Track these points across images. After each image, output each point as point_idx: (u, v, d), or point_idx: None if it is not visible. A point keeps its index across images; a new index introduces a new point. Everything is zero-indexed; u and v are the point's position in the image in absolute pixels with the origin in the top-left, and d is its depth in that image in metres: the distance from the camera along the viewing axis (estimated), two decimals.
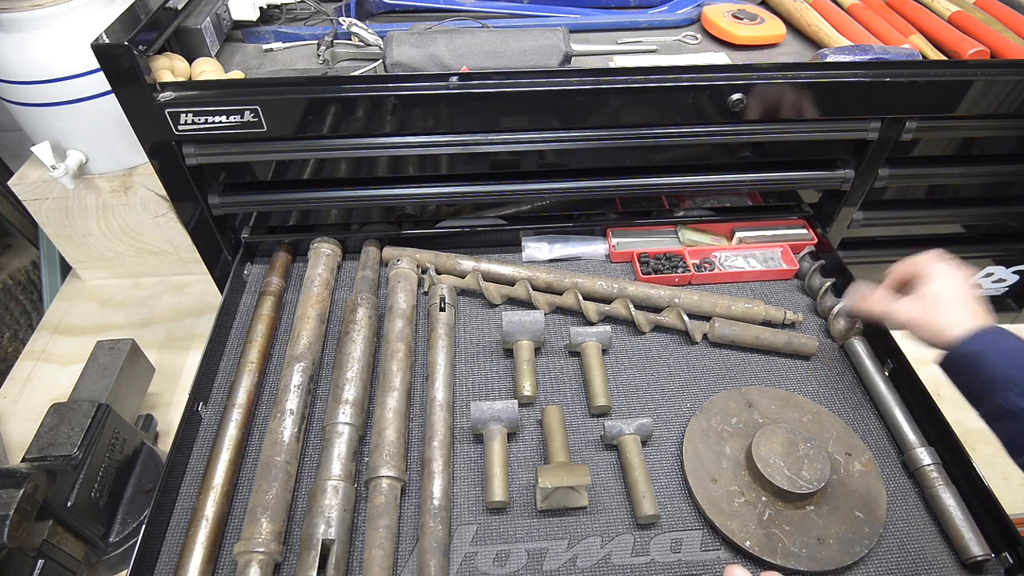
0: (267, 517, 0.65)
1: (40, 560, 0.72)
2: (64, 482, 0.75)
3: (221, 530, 0.68)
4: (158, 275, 1.27)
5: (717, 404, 0.77)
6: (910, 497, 0.71)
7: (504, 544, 0.67)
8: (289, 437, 0.72)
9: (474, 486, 0.72)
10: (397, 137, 0.79)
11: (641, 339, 0.87)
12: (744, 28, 0.93)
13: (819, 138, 0.84)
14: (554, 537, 0.67)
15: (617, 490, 0.71)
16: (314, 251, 0.93)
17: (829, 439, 0.74)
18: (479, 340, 0.87)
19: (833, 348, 0.86)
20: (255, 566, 0.62)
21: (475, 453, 0.75)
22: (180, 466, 0.74)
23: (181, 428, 0.74)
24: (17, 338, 1.41)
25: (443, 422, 0.74)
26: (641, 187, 0.89)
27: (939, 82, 0.79)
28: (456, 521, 0.69)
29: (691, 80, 0.77)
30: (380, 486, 0.68)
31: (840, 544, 0.65)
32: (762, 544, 0.65)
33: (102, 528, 0.80)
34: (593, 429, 0.77)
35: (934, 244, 1.05)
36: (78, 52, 0.94)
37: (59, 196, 1.10)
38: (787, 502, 0.67)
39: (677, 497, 0.70)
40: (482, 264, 0.92)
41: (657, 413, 0.78)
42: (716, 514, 0.67)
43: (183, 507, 0.71)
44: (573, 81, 0.76)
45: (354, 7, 0.98)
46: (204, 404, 0.80)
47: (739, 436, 0.73)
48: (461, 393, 0.81)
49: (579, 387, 0.82)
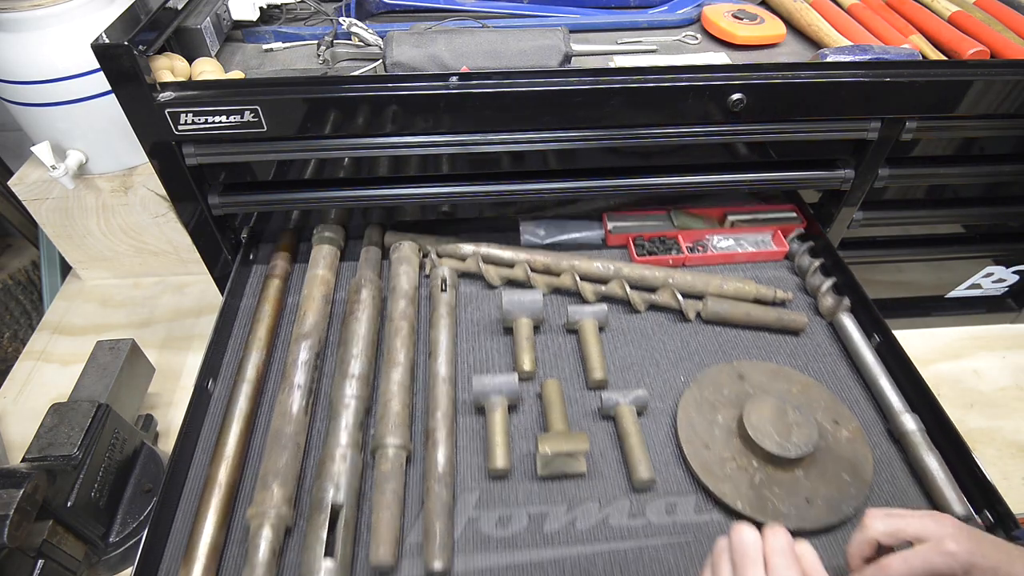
0: (278, 483, 0.67)
1: (40, 560, 0.72)
2: (64, 482, 0.75)
3: (233, 496, 0.70)
4: (158, 275, 1.27)
5: (710, 377, 0.80)
6: (895, 462, 0.73)
7: (506, 508, 0.69)
8: (298, 410, 0.74)
9: (476, 455, 0.74)
10: (397, 137, 0.79)
11: (636, 318, 0.90)
12: (744, 28, 0.93)
13: (819, 138, 0.84)
14: (554, 502, 0.70)
15: (614, 457, 0.74)
16: (317, 235, 0.95)
17: (818, 408, 0.76)
18: (480, 320, 0.89)
19: (822, 324, 0.89)
20: (267, 528, 0.64)
21: (477, 425, 0.77)
22: (192, 438, 0.75)
23: (192, 404, 0.75)
24: (17, 338, 1.41)
25: (446, 395, 0.76)
26: (641, 187, 0.89)
27: (939, 82, 0.79)
28: (460, 488, 0.71)
29: (691, 80, 0.77)
30: (386, 454, 0.70)
31: (828, 504, 0.68)
32: (753, 505, 0.67)
33: (102, 528, 0.80)
34: (591, 401, 0.79)
35: (934, 244, 1.06)
36: (78, 52, 0.94)
37: (59, 196, 1.10)
38: (777, 466, 0.70)
39: (672, 464, 0.73)
40: (482, 248, 0.94)
41: (652, 386, 0.81)
42: (709, 478, 0.70)
43: (196, 476, 0.73)
44: (573, 81, 0.76)
45: (354, 7, 0.98)
46: (213, 381, 0.81)
47: (731, 406, 0.76)
48: (463, 369, 0.83)
49: (577, 362, 0.84)
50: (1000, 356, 1.12)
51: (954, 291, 1.16)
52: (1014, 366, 1.10)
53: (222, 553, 0.65)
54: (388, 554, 0.63)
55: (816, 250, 0.95)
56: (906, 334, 1.12)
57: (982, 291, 1.16)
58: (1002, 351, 1.13)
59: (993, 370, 1.09)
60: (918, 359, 0.78)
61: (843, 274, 0.90)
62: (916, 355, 0.78)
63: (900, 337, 0.80)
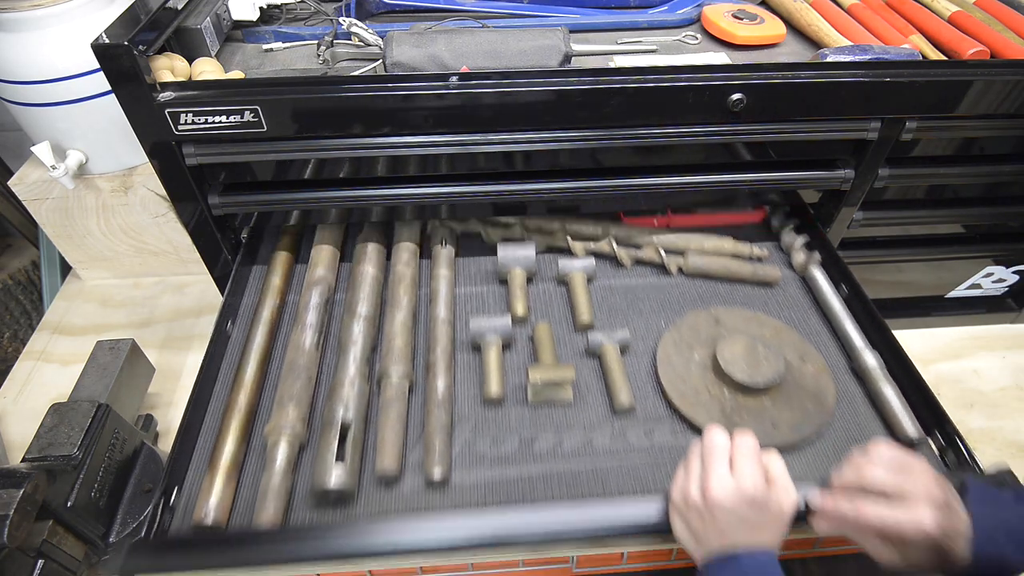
0: (293, 404, 0.74)
1: (40, 560, 0.72)
2: (64, 482, 0.75)
3: (252, 418, 0.77)
4: (158, 275, 1.27)
5: (688, 321, 0.87)
6: (856, 395, 0.80)
7: (499, 431, 0.77)
8: (310, 346, 0.81)
9: (473, 387, 0.82)
10: (397, 137, 0.79)
11: (623, 272, 0.98)
12: (744, 28, 0.93)
13: (819, 138, 0.84)
14: (543, 426, 0.77)
15: (598, 389, 0.81)
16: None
17: (787, 347, 0.83)
18: (477, 272, 0.97)
19: (795, 278, 0.96)
20: (283, 444, 0.71)
21: (474, 362, 0.84)
22: (212, 372, 0.82)
23: (212, 344, 0.83)
24: (17, 338, 1.41)
25: (446, 335, 0.84)
26: (641, 187, 0.89)
27: (939, 82, 0.79)
28: (457, 415, 0.78)
29: (691, 80, 0.77)
30: (391, 382, 0.78)
31: (791, 428, 0.74)
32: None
33: (102, 528, 0.80)
34: (578, 343, 0.87)
35: (934, 244, 1.06)
36: (78, 52, 0.94)
37: (59, 196, 1.10)
38: (746, 395, 0.77)
39: (651, 396, 0.80)
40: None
41: (635, 331, 0.87)
42: (684, 406, 0.77)
43: (216, 405, 0.79)
44: (573, 81, 0.76)
45: (354, 7, 0.98)
46: (232, 323, 0.89)
47: (707, 345, 0.83)
48: (461, 315, 0.90)
49: (566, 310, 0.91)
50: (1000, 356, 1.12)
51: (954, 291, 1.16)
52: (1014, 366, 1.10)
53: (242, 466, 0.72)
54: (392, 463, 0.70)
55: (790, 212, 1.04)
56: (906, 334, 1.12)
57: (982, 291, 1.16)
58: (1002, 351, 1.13)
59: (993, 370, 1.09)
60: (918, 359, 0.79)
61: (843, 274, 0.90)
62: (916, 355, 0.79)
63: (900, 337, 0.81)
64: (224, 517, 0.67)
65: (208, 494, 0.67)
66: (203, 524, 0.65)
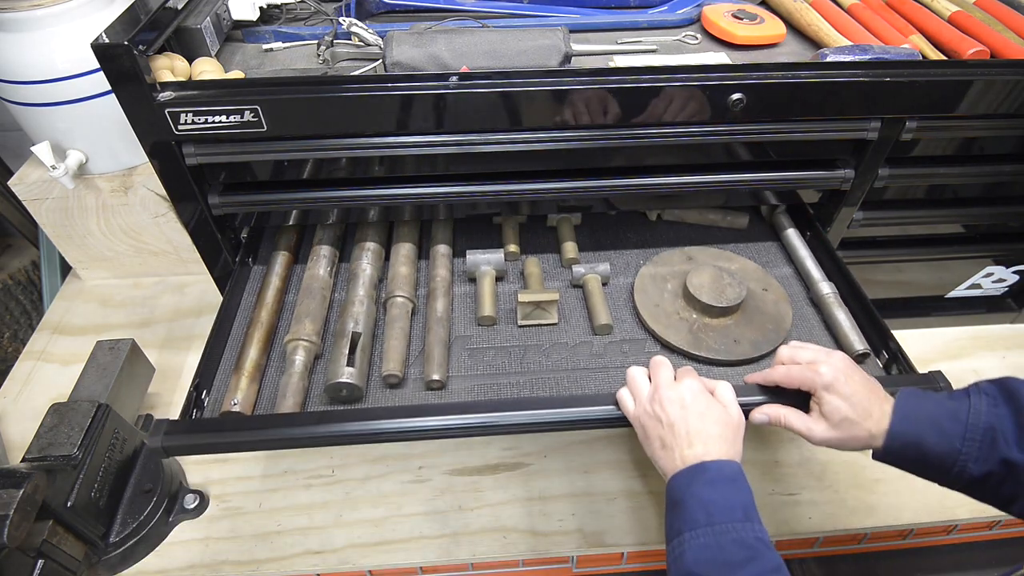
0: (309, 319, 0.84)
1: (40, 560, 0.72)
2: (64, 482, 0.75)
3: (272, 332, 0.87)
4: (158, 275, 1.27)
5: (663, 258, 0.97)
6: (813, 320, 0.89)
7: (492, 347, 0.86)
8: (324, 273, 0.92)
9: (469, 312, 0.91)
10: (397, 137, 0.79)
11: (607, 219, 1.06)
12: (744, 28, 0.93)
13: (819, 138, 0.84)
14: (531, 345, 0.87)
15: (581, 314, 0.91)
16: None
17: (751, 279, 0.92)
18: (473, 221, 1.05)
19: (765, 227, 1.06)
20: (301, 351, 0.81)
21: (471, 291, 0.94)
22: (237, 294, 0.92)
23: (234, 275, 0.92)
24: (17, 338, 1.41)
25: (445, 267, 0.94)
26: (641, 187, 0.89)
27: (939, 82, 0.79)
28: (454, 333, 0.87)
29: (691, 80, 0.77)
30: (395, 302, 0.87)
31: (751, 345, 0.84)
32: (691, 344, 0.84)
33: (102, 528, 0.80)
34: (565, 276, 0.96)
35: (934, 244, 1.06)
36: (78, 52, 0.94)
37: (59, 196, 1.10)
38: (712, 316, 0.86)
39: (628, 320, 0.90)
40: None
41: (616, 268, 0.97)
42: (657, 326, 0.86)
43: (240, 323, 0.89)
44: (573, 81, 0.76)
45: (354, 7, 0.98)
46: (253, 258, 0.98)
47: (679, 278, 0.92)
48: (459, 255, 0.98)
49: (555, 250, 1.01)
50: (1000, 356, 1.12)
51: (954, 291, 1.16)
52: (1014, 366, 1.10)
53: (264, 370, 0.82)
54: (397, 367, 0.79)
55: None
56: (906, 334, 1.12)
57: (982, 291, 1.16)
58: (1002, 351, 1.13)
59: (993, 370, 1.09)
60: (918, 359, 0.78)
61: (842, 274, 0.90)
62: (916, 355, 0.79)
63: (900, 337, 0.81)
64: (249, 409, 0.76)
65: (235, 391, 0.76)
66: (231, 412, 0.74)
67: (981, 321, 1.17)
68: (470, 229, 1.04)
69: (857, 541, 0.93)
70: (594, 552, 0.88)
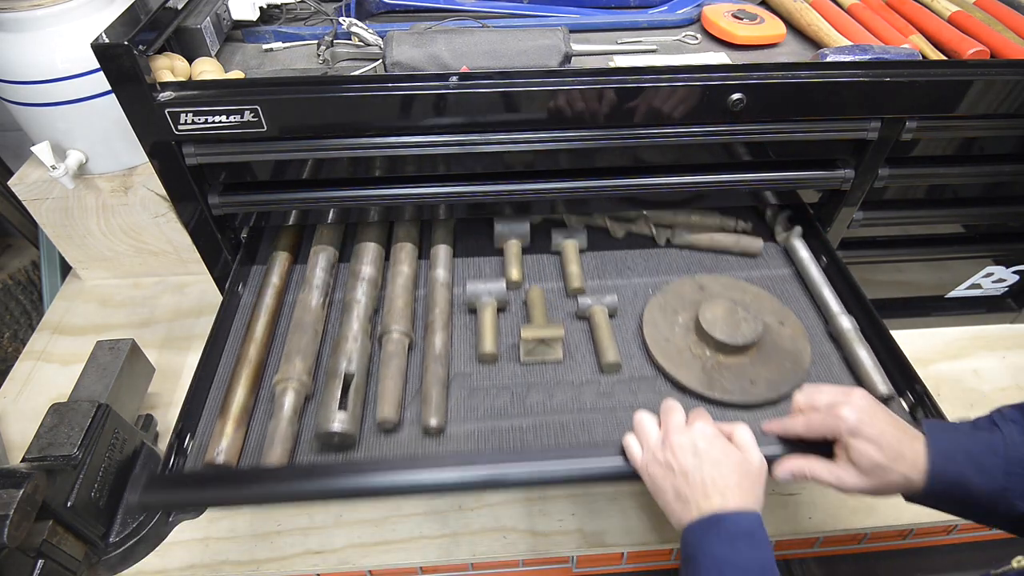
0: (300, 358, 0.79)
1: (40, 560, 0.72)
2: (64, 482, 0.75)
3: (261, 370, 0.81)
4: (158, 275, 1.27)
5: (674, 287, 0.92)
6: (832, 356, 0.84)
7: (493, 386, 0.81)
8: (316, 305, 0.86)
9: (469, 346, 0.86)
10: (397, 137, 0.79)
11: (614, 244, 1.02)
12: (744, 28, 0.93)
13: (819, 138, 0.84)
14: (535, 384, 0.81)
15: (587, 349, 0.85)
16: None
17: (766, 312, 0.87)
18: (475, 244, 1.01)
19: (777, 250, 1.01)
20: (290, 393, 0.75)
21: (471, 323, 0.89)
22: (224, 328, 0.87)
23: (223, 306, 0.87)
24: (17, 338, 1.41)
25: (444, 298, 0.89)
26: (640, 187, 0.89)
27: (939, 82, 0.79)
28: (453, 371, 0.82)
29: (691, 80, 0.77)
30: (391, 338, 0.82)
31: (769, 385, 0.78)
32: (704, 385, 0.78)
33: (102, 528, 0.80)
34: (570, 307, 0.91)
35: (934, 244, 1.06)
36: (78, 52, 0.94)
37: (59, 196, 1.10)
38: (726, 354, 0.81)
39: (637, 355, 0.84)
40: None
41: (623, 297, 0.92)
42: (668, 364, 0.81)
43: (228, 359, 0.83)
44: (573, 81, 0.76)
45: (354, 7, 0.98)
46: (243, 285, 0.93)
47: (690, 309, 0.87)
48: (459, 281, 0.94)
49: (559, 278, 0.96)
50: (1000, 356, 1.12)
51: (954, 291, 1.16)
52: (1014, 366, 1.10)
53: (251, 413, 0.77)
54: (392, 412, 0.74)
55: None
56: (906, 334, 1.12)
57: (982, 291, 1.16)
58: (1002, 351, 1.13)
59: (993, 370, 1.09)
60: (918, 359, 0.79)
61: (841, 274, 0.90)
62: (916, 355, 0.79)
63: (899, 337, 0.80)
64: (234, 459, 0.71)
65: (219, 438, 0.71)
66: (215, 463, 0.69)
67: (981, 321, 1.17)
68: (469, 242, 1.00)
69: (857, 541, 0.93)
70: (594, 552, 0.88)
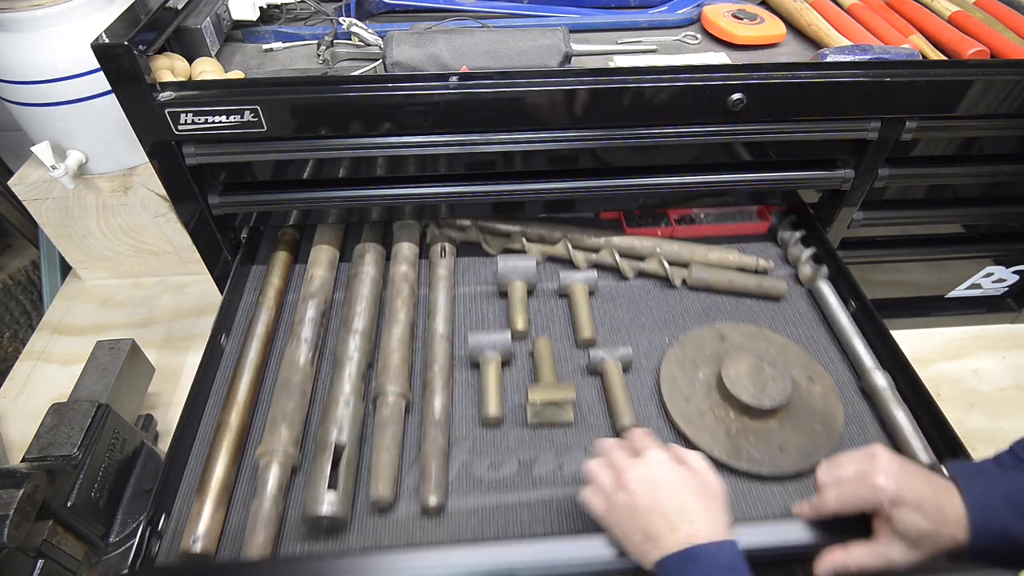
0: (286, 425, 0.72)
1: (40, 560, 0.72)
2: (64, 482, 0.75)
3: (244, 438, 0.74)
4: (158, 275, 1.27)
5: (692, 337, 0.84)
6: (866, 416, 0.77)
7: (498, 454, 0.74)
8: (304, 362, 0.79)
9: (471, 405, 0.79)
10: (397, 137, 0.79)
11: (625, 284, 0.95)
12: (744, 28, 0.93)
13: (819, 138, 0.84)
14: (543, 448, 0.74)
15: (600, 410, 0.78)
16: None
17: (793, 366, 0.80)
18: (477, 284, 0.95)
19: (801, 292, 0.94)
20: (275, 466, 0.69)
21: (472, 379, 0.82)
22: (204, 389, 0.80)
23: (205, 357, 0.81)
24: (17, 338, 1.41)
25: (443, 351, 0.81)
26: (641, 187, 0.89)
27: (939, 82, 0.79)
28: (454, 435, 0.76)
29: (691, 80, 0.77)
30: (386, 401, 0.75)
31: (800, 453, 0.72)
32: (729, 453, 0.71)
33: (102, 528, 0.80)
34: (580, 359, 0.84)
35: (934, 244, 1.06)
36: (78, 52, 0.94)
37: (59, 196, 1.10)
38: (752, 417, 0.74)
39: (654, 416, 0.78)
40: (479, 220, 0.98)
41: (638, 346, 0.85)
42: (689, 428, 0.74)
43: (208, 422, 0.77)
44: (573, 81, 0.76)
45: (354, 7, 0.98)
46: (226, 336, 0.86)
47: (711, 363, 0.80)
48: (460, 329, 0.88)
49: (567, 324, 0.89)
50: (1000, 356, 1.12)
51: (954, 291, 1.16)
52: (1014, 366, 1.10)
53: (232, 489, 0.70)
54: (387, 490, 0.67)
55: (798, 223, 1.00)
56: (906, 334, 1.12)
57: (982, 291, 1.16)
58: (1002, 351, 1.13)
59: (993, 370, 1.09)
60: (918, 359, 0.78)
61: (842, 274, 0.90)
62: (916, 355, 0.79)
63: (899, 337, 0.80)
64: (213, 545, 0.64)
65: (197, 520, 0.65)
66: (191, 553, 0.63)
67: (981, 321, 1.17)
68: (470, 279, 0.94)
69: None
70: None
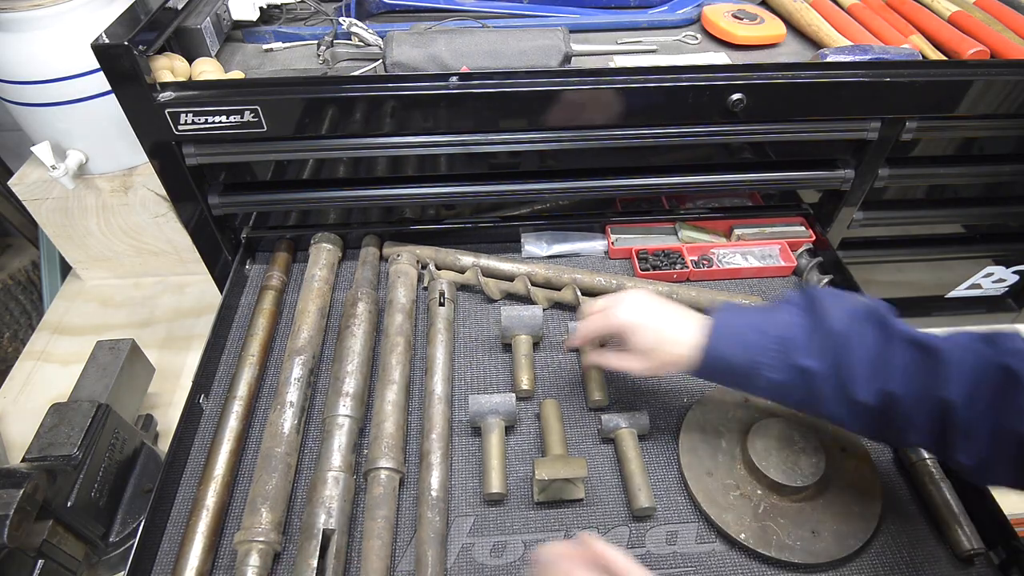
0: (267, 507, 0.66)
1: (40, 560, 0.72)
2: (64, 482, 0.75)
3: (221, 520, 0.68)
4: (158, 275, 1.27)
5: (714, 398, 0.78)
6: (904, 492, 0.71)
7: (501, 535, 0.67)
8: (289, 429, 0.73)
9: (472, 478, 0.72)
10: (397, 137, 0.79)
11: None
12: (744, 28, 0.93)
13: (819, 138, 0.85)
14: (551, 529, 0.68)
15: (614, 483, 0.72)
16: (315, 247, 0.93)
17: (825, 434, 0.73)
18: (478, 335, 0.87)
19: None
20: (255, 555, 0.63)
21: (473, 446, 0.75)
22: (181, 458, 0.75)
23: (182, 421, 0.75)
24: (17, 338, 1.41)
25: (442, 415, 0.75)
26: (641, 187, 0.89)
27: (939, 82, 0.79)
28: (454, 512, 0.69)
29: (691, 80, 0.77)
30: (379, 477, 0.69)
31: (835, 537, 0.65)
32: (757, 536, 0.65)
33: (102, 528, 0.80)
34: (590, 423, 0.77)
35: (934, 244, 1.06)
36: (78, 52, 0.94)
37: (59, 196, 1.10)
38: (782, 495, 0.68)
39: (673, 490, 0.71)
40: (481, 260, 0.92)
41: (655, 406, 0.78)
42: (712, 507, 0.67)
43: (184, 498, 0.72)
44: (573, 81, 0.76)
45: (354, 7, 0.98)
46: (205, 397, 0.80)
47: (735, 430, 0.74)
48: (460, 387, 0.81)
49: (577, 381, 0.82)
50: None
51: (954, 291, 1.16)
52: None
53: None
54: None
55: (825, 266, 0.93)
56: None
57: (982, 291, 1.16)
58: None
59: None
60: None
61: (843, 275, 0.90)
62: None
63: None
64: None
65: None
66: None
67: (981, 321, 1.17)
68: (470, 326, 0.88)
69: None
70: None
